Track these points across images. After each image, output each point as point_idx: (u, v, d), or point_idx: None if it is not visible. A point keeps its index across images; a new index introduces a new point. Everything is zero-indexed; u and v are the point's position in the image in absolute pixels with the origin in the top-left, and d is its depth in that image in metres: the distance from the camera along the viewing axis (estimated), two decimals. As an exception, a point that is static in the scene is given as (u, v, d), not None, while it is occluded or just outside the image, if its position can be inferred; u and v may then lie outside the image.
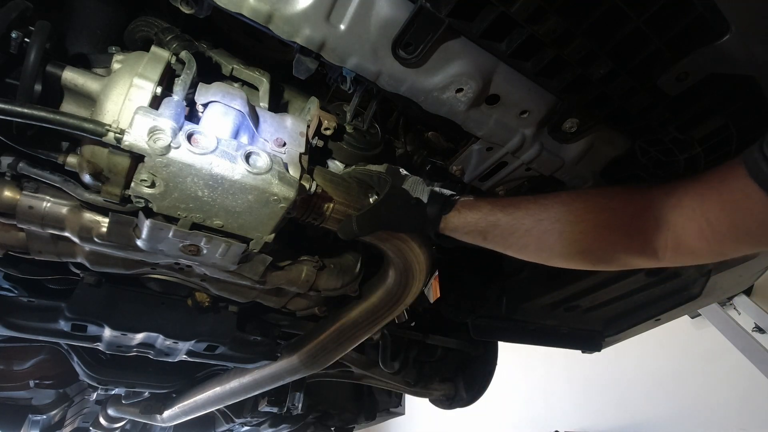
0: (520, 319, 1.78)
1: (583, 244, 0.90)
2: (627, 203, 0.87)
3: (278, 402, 2.14)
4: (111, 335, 1.25)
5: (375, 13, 0.77)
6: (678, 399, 3.52)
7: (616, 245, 0.89)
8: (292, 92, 1.13)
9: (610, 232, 0.88)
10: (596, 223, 0.89)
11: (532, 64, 0.84)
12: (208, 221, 0.88)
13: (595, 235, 0.89)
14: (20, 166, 0.88)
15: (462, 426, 5.49)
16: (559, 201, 0.92)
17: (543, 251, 0.95)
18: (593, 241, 0.90)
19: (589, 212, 0.89)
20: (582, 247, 0.91)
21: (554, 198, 0.93)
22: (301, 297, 1.36)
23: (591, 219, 0.89)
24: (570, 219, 0.90)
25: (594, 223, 0.89)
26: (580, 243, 0.90)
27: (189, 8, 0.82)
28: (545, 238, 0.91)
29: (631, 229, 0.86)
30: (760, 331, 3.11)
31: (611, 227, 0.88)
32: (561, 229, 0.90)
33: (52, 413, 2.16)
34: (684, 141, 0.95)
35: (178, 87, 0.86)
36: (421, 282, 1.32)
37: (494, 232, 0.97)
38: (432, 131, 1.18)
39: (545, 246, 0.93)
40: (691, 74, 0.81)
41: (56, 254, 1.05)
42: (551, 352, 2.99)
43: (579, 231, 0.89)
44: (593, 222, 0.89)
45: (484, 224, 0.97)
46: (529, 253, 0.97)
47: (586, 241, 0.90)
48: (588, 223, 0.89)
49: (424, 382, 2.16)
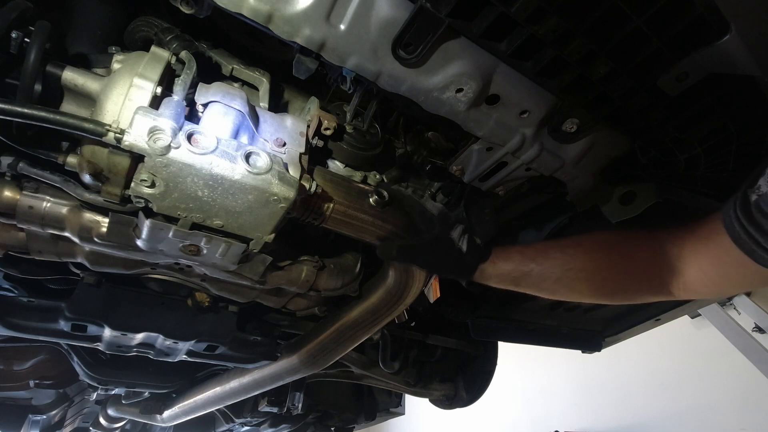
0: (520, 319, 1.78)
1: (607, 289, 1.03)
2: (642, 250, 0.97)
3: (278, 402, 2.14)
4: (111, 335, 1.25)
5: (375, 13, 0.77)
6: (678, 399, 3.52)
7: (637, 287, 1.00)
8: (292, 92, 1.13)
9: (630, 278, 1.00)
10: (617, 270, 1.00)
11: (532, 64, 0.84)
12: (208, 221, 0.88)
13: (618, 281, 1.01)
14: (20, 166, 0.88)
15: (462, 426, 5.49)
16: (582, 249, 1.04)
17: (573, 295, 1.07)
18: (616, 285, 1.02)
19: (612, 261, 1.01)
20: (607, 291, 1.03)
21: (578, 247, 1.04)
22: (301, 297, 1.36)
23: (613, 267, 1.01)
24: (594, 267, 1.01)
25: (615, 270, 1.01)
26: (605, 288, 1.03)
27: (189, 8, 0.82)
28: (573, 285, 1.03)
29: (647, 273, 0.96)
30: (760, 331, 3.11)
31: (630, 273, 0.99)
32: (587, 277, 1.02)
33: (52, 413, 2.16)
34: (684, 141, 0.95)
35: (178, 87, 0.86)
36: (421, 282, 1.32)
37: (526, 281, 1.07)
38: (432, 131, 1.18)
39: (575, 291, 1.05)
40: (691, 74, 0.81)
41: (56, 254, 1.05)
42: (551, 352, 2.99)
43: (603, 278, 1.02)
44: (614, 270, 1.01)
45: (517, 274, 1.08)
46: (560, 296, 1.09)
47: (610, 285, 1.02)
48: (610, 271, 1.01)
49: (424, 382, 2.16)
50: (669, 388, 3.60)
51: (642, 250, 0.97)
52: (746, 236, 0.71)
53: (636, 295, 1.02)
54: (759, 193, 0.68)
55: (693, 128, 0.93)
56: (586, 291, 1.03)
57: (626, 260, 0.99)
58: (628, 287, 1.01)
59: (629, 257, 0.99)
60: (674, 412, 3.52)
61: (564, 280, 1.03)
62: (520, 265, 1.07)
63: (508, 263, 1.09)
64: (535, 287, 1.07)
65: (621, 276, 1.00)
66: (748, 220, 0.70)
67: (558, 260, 1.04)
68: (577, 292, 1.04)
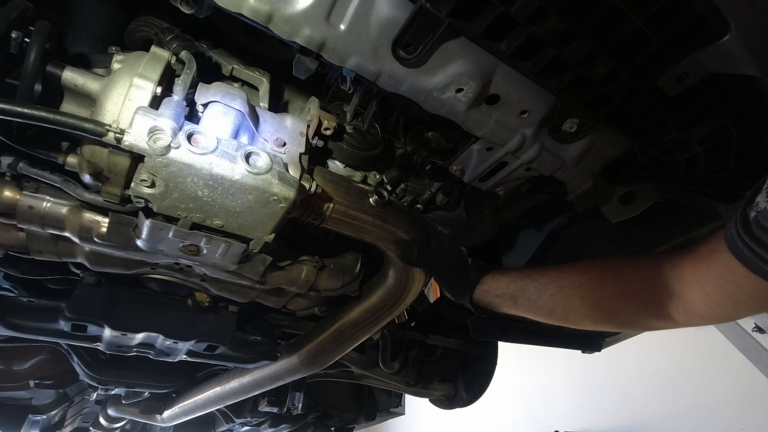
0: (520, 319, 1.78)
1: (604, 308, 1.02)
2: (638, 271, 0.96)
3: (278, 402, 2.14)
4: (111, 335, 1.25)
5: (375, 13, 0.77)
6: (678, 399, 3.52)
7: (634, 310, 0.98)
8: (292, 92, 1.13)
9: (626, 298, 0.98)
10: (612, 289, 0.99)
11: (532, 64, 0.84)
12: (208, 221, 0.88)
13: (614, 301, 1.00)
14: (20, 166, 0.88)
15: (462, 426, 5.49)
16: (578, 270, 1.05)
17: (570, 313, 1.05)
18: (613, 305, 1.00)
19: (606, 279, 1.01)
20: (603, 310, 1.02)
21: (573, 267, 1.06)
22: (301, 297, 1.36)
23: (607, 286, 1.00)
24: (589, 286, 1.02)
25: (610, 289, 1.00)
26: (601, 307, 1.01)
27: (189, 8, 0.82)
28: (569, 301, 1.03)
29: (644, 295, 0.94)
30: (760, 331, 3.11)
31: (626, 294, 0.97)
32: (582, 294, 1.02)
33: (52, 413, 2.16)
34: (684, 141, 0.95)
35: (178, 87, 0.86)
36: (421, 282, 1.32)
37: (523, 296, 1.09)
38: (432, 131, 1.18)
39: (571, 308, 1.04)
40: (691, 74, 0.81)
41: (56, 254, 1.05)
42: (551, 352, 2.99)
43: (598, 296, 1.01)
44: (609, 288, 1.00)
45: (514, 288, 1.11)
46: (558, 316, 1.07)
47: (606, 305, 1.01)
48: (605, 290, 1.00)
49: (424, 382, 2.16)
50: (669, 388, 3.60)
51: (638, 271, 0.96)
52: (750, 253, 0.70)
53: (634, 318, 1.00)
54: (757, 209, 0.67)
55: (693, 128, 0.93)
56: (581, 309, 1.02)
57: (621, 281, 0.98)
58: (624, 310, 0.99)
59: (624, 278, 0.98)
60: (674, 412, 3.52)
61: (559, 295, 1.04)
62: (516, 280, 1.12)
63: (506, 277, 1.14)
64: (532, 305, 1.09)
65: (616, 297, 0.99)
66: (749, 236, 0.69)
67: (553, 277, 1.07)
68: (572, 309, 1.04)
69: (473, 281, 1.16)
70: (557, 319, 1.08)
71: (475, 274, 1.16)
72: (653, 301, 0.92)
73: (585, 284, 1.02)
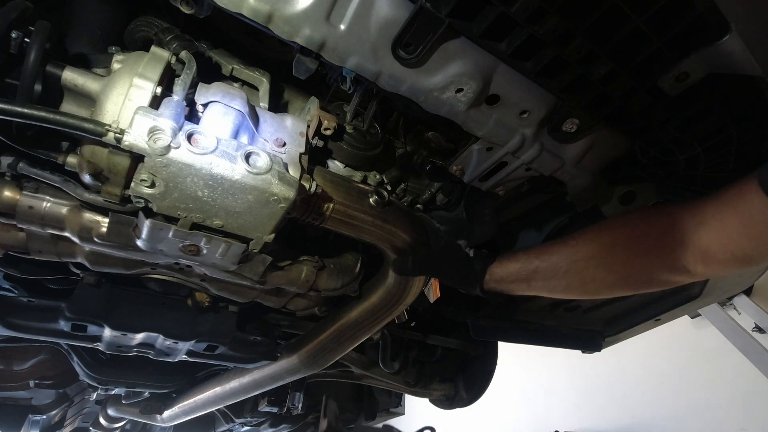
0: (520, 319, 1.78)
1: (621, 272, 0.98)
2: (651, 226, 0.93)
3: (278, 402, 2.14)
4: (111, 335, 1.25)
5: (375, 13, 0.77)
6: (678, 399, 3.51)
7: (651, 266, 0.95)
8: (292, 92, 1.13)
9: (642, 257, 0.94)
10: (627, 250, 0.96)
11: (532, 64, 0.84)
12: (208, 221, 0.88)
13: (630, 261, 0.96)
14: (20, 166, 0.88)
15: (462, 426, 5.48)
16: (587, 239, 1.01)
17: (587, 284, 1.02)
18: (629, 267, 0.97)
19: (618, 243, 0.97)
20: (621, 273, 0.98)
21: (582, 237, 1.01)
22: (301, 297, 1.36)
23: (621, 248, 0.97)
24: (602, 254, 0.98)
25: (625, 250, 0.96)
26: (619, 271, 0.98)
27: (189, 8, 0.82)
28: (584, 274, 1.00)
29: (660, 250, 0.91)
30: (760, 331, 3.10)
31: (641, 252, 0.94)
32: (596, 264, 0.99)
33: (52, 413, 2.16)
34: (684, 141, 0.95)
35: (178, 87, 0.86)
36: (421, 282, 1.32)
37: (536, 278, 1.06)
38: (432, 131, 1.18)
39: (588, 280, 1.01)
40: (691, 74, 0.81)
41: (56, 254, 1.05)
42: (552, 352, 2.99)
43: (613, 261, 0.98)
44: (624, 250, 0.96)
45: (525, 273, 1.07)
46: (576, 290, 1.05)
47: (624, 268, 0.97)
48: (619, 255, 0.97)
49: (424, 382, 2.16)
50: (669, 388, 3.60)
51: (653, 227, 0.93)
52: None
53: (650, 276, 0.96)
54: None
55: (693, 128, 0.93)
56: (598, 276, 1.00)
57: (634, 240, 0.95)
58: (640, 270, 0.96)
59: (636, 237, 0.95)
60: (674, 412, 3.51)
61: (573, 270, 1.01)
62: (526, 263, 1.08)
63: (514, 263, 1.11)
64: (547, 285, 1.06)
65: (631, 259, 0.96)
66: None
67: (563, 253, 1.03)
68: (590, 280, 1.01)
69: (479, 273, 1.13)
70: (575, 294, 1.07)
71: (479, 265, 1.14)
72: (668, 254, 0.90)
73: (598, 253, 0.99)
